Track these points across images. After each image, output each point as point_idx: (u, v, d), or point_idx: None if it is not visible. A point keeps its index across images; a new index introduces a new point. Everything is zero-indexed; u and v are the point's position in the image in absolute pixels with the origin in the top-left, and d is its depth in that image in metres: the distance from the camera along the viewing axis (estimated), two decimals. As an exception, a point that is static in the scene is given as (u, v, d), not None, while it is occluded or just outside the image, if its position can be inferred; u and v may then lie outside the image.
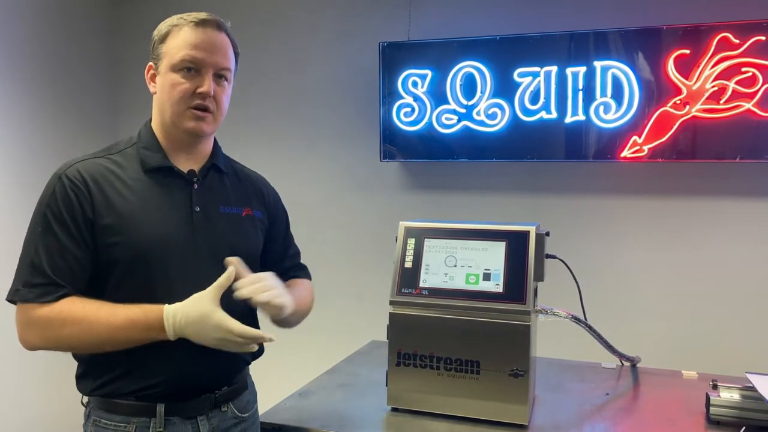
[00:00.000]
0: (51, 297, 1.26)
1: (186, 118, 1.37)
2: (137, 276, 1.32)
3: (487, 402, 1.54)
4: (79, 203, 1.30)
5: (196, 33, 1.36)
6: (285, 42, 3.30)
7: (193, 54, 1.35)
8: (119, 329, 1.26)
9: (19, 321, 1.29)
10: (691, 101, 2.58)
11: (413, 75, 2.93)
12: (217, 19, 1.40)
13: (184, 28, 1.37)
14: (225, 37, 1.41)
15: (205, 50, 1.36)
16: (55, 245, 1.28)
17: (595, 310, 2.07)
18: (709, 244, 2.74)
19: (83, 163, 1.35)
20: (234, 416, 1.46)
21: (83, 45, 3.39)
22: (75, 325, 1.25)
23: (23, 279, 1.28)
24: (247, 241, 1.48)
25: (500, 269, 1.57)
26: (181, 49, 1.35)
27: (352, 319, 3.19)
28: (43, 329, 1.27)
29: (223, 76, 1.41)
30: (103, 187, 1.32)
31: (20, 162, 3.02)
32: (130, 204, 1.33)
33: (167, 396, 1.34)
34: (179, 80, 1.36)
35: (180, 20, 1.38)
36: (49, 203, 1.30)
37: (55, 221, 1.29)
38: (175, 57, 1.35)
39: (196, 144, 1.44)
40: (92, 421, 1.36)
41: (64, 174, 1.32)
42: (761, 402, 1.51)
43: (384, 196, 3.17)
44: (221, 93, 1.41)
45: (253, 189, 1.57)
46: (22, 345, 1.30)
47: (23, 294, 1.27)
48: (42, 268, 1.27)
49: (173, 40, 1.37)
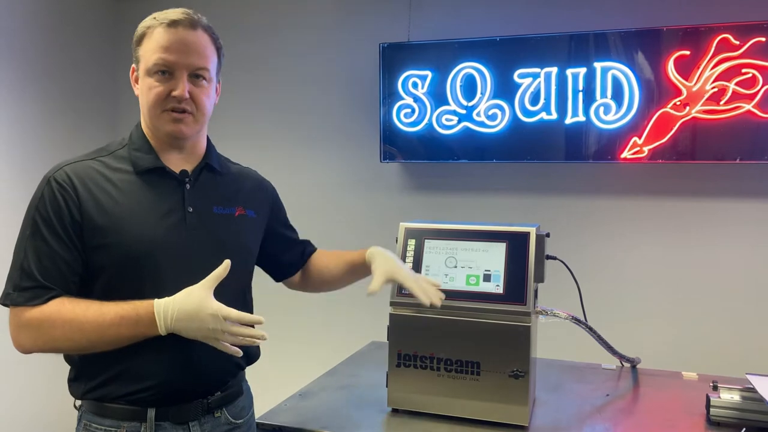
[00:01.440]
0: (40, 300, 1.26)
1: (164, 121, 1.36)
2: (128, 278, 1.31)
3: (488, 403, 1.54)
4: (66, 206, 1.29)
5: (167, 34, 1.33)
6: (285, 43, 3.30)
7: (165, 57, 1.32)
8: (109, 326, 1.24)
9: (11, 325, 1.29)
10: (691, 102, 2.58)
11: (413, 76, 2.93)
12: (191, 17, 1.35)
13: (156, 29, 1.34)
14: (200, 35, 1.36)
15: (177, 51, 1.33)
16: (43, 248, 1.27)
17: (596, 311, 2.08)
18: (709, 245, 2.74)
19: (72, 165, 1.34)
20: (227, 422, 1.44)
21: (84, 45, 3.39)
22: (65, 325, 1.24)
23: (14, 282, 1.28)
24: (241, 241, 1.47)
25: (500, 270, 1.58)
26: (154, 52, 1.33)
27: (352, 320, 3.18)
28: (35, 332, 1.26)
29: (200, 75, 1.36)
30: (92, 190, 1.31)
31: (20, 161, 3.02)
32: (120, 206, 1.32)
33: (158, 400, 1.33)
34: (154, 84, 1.34)
35: (153, 21, 1.35)
36: (38, 206, 1.29)
37: (43, 224, 1.28)
38: (149, 61, 1.34)
39: (184, 144, 1.42)
40: (83, 424, 1.36)
41: (53, 177, 1.31)
42: (761, 403, 1.51)
43: (384, 197, 3.18)
44: (200, 93, 1.37)
45: (247, 187, 1.55)
46: (16, 348, 1.30)
47: (13, 297, 1.27)
48: (31, 271, 1.27)
49: (147, 43, 1.35)
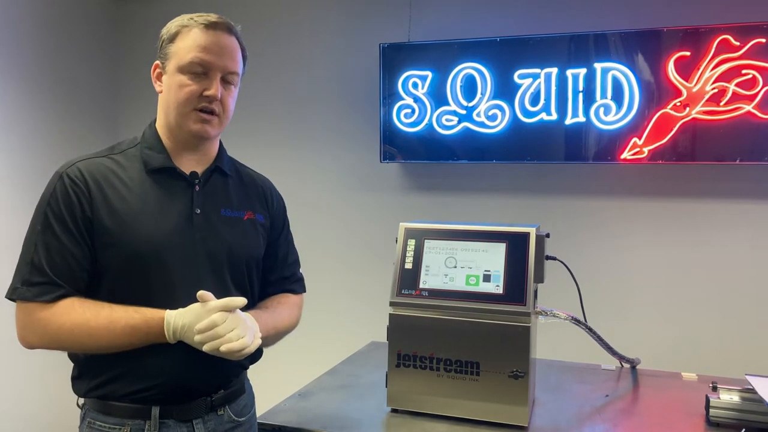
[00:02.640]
0: (49, 296, 1.26)
1: (191, 120, 1.37)
2: (134, 277, 1.31)
3: (487, 403, 1.54)
4: (78, 202, 1.29)
5: (206, 35, 1.35)
6: (285, 43, 3.30)
7: (202, 56, 1.34)
8: (119, 336, 1.26)
9: (18, 320, 1.29)
10: (691, 103, 2.58)
11: (413, 76, 2.93)
12: (228, 22, 1.39)
13: (194, 29, 1.36)
14: (234, 41, 1.40)
15: (214, 53, 1.35)
16: (54, 244, 1.28)
17: (595, 312, 2.08)
18: (709, 245, 2.74)
19: (85, 162, 1.35)
20: (230, 420, 1.45)
21: (84, 45, 3.39)
22: (74, 329, 1.25)
23: (22, 277, 1.28)
24: (247, 246, 1.47)
25: (500, 270, 1.58)
26: (190, 50, 1.34)
27: (351, 320, 3.19)
28: (42, 331, 1.27)
29: (230, 80, 1.40)
30: (103, 187, 1.32)
31: (21, 161, 3.02)
32: (129, 205, 1.32)
33: (163, 399, 1.34)
34: (186, 82, 1.35)
35: (190, 21, 1.37)
36: (50, 202, 1.30)
37: (54, 220, 1.29)
38: (184, 58, 1.35)
39: (200, 146, 1.43)
40: (87, 422, 1.36)
41: (65, 173, 1.32)
42: (761, 404, 1.51)
43: (384, 197, 3.18)
44: (228, 96, 1.40)
45: (256, 192, 1.55)
46: (21, 343, 1.30)
47: (22, 292, 1.27)
48: (41, 266, 1.27)
49: (183, 41, 1.36)
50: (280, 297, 1.58)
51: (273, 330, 1.45)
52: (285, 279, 1.61)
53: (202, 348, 1.25)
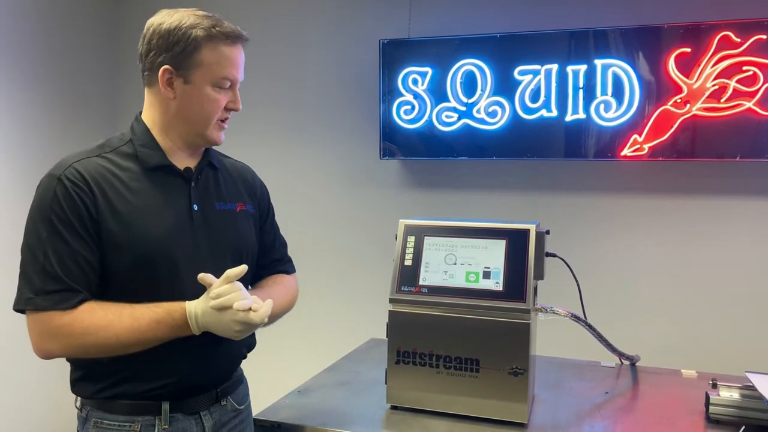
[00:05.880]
0: (68, 303, 1.23)
1: (215, 130, 1.41)
2: (142, 278, 1.31)
3: (487, 400, 1.54)
4: (83, 204, 1.26)
5: (235, 51, 1.38)
6: (284, 39, 3.29)
7: (235, 74, 1.38)
8: (145, 332, 1.26)
9: (34, 331, 1.25)
10: (692, 100, 2.57)
11: (413, 72, 2.92)
12: (244, 34, 1.40)
13: (222, 43, 1.34)
14: None
15: (238, 68, 1.40)
16: (64, 249, 1.24)
17: (595, 309, 2.07)
18: (709, 243, 2.74)
19: (80, 162, 1.31)
20: (233, 409, 1.49)
21: (84, 44, 3.38)
22: (99, 332, 1.24)
23: (35, 287, 1.23)
24: (244, 237, 1.50)
25: (500, 267, 1.57)
26: (224, 67, 1.36)
27: (351, 317, 3.18)
28: (65, 339, 1.24)
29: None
30: (105, 189, 1.30)
31: (20, 161, 3.01)
32: (132, 206, 1.31)
33: (173, 395, 1.36)
34: (216, 96, 1.37)
35: (211, 30, 1.33)
36: (52, 206, 1.25)
37: (61, 224, 1.25)
38: (216, 74, 1.35)
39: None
40: (93, 422, 1.35)
41: (63, 175, 1.27)
42: (761, 401, 1.51)
43: (384, 194, 3.17)
44: None
45: (243, 182, 1.57)
46: (38, 354, 1.27)
47: (38, 302, 1.23)
48: (56, 273, 1.23)
49: (212, 55, 1.33)
50: (275, 277, 1.63)
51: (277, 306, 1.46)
52: (276, 261, 1.66)
53: (218, 317, 1.27)
